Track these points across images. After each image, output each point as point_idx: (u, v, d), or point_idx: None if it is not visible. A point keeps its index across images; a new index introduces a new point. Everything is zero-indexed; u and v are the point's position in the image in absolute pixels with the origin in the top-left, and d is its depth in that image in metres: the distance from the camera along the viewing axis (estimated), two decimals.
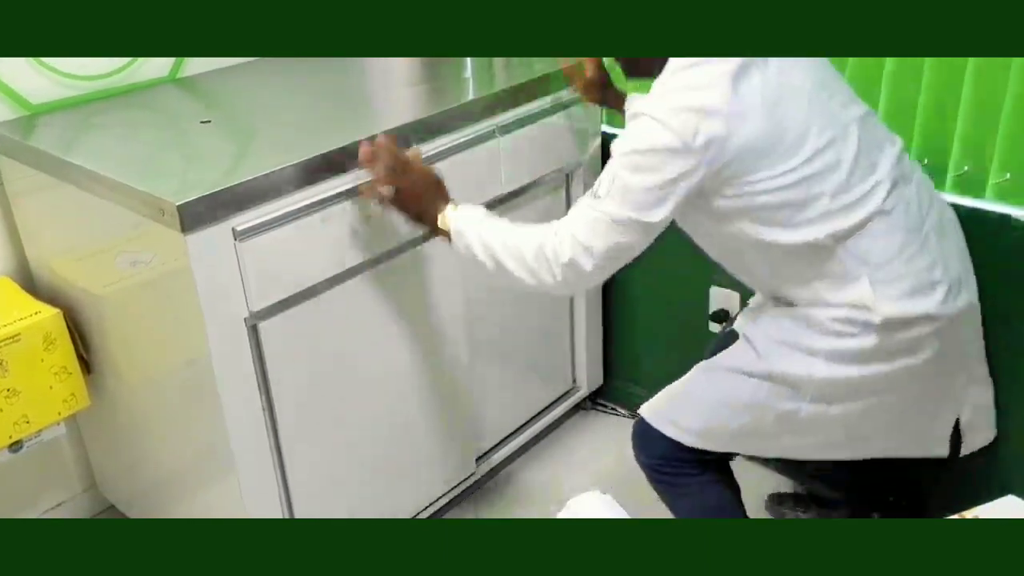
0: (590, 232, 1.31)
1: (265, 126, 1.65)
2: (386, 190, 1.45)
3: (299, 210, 1.43)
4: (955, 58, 1.52)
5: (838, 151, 1.31)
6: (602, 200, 1.30)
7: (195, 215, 1.31)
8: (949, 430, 1.50)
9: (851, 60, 1.64)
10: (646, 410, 1.56)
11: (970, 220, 1.52)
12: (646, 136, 1.28)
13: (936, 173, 1.58)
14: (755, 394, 1.45)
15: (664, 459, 1.53)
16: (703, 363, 1.55)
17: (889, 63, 1.60)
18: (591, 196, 1.33)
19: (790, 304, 1.45)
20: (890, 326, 1.34)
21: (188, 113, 1.78)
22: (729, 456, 1.57)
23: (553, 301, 2.09)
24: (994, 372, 1.54)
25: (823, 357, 1.39)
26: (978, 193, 1.56)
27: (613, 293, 2.20)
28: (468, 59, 1.94)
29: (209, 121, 1.65)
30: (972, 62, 1.50)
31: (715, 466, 1.55)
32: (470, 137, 1.68)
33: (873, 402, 1.42)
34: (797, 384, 1.42)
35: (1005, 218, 1.54)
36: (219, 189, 1.33)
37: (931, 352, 1.38)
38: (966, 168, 1.56)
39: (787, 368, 1.42)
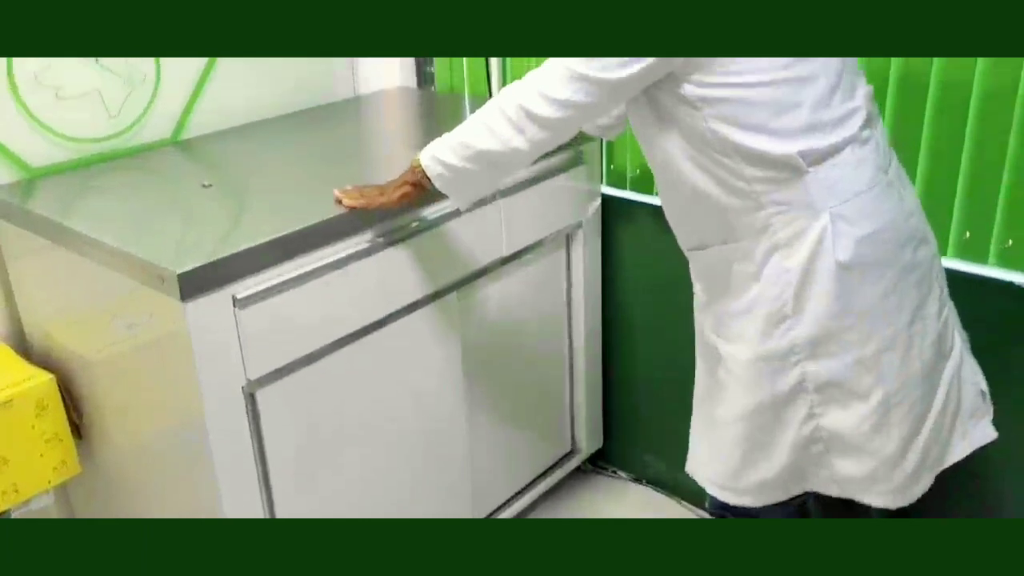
0: (548, 81, 1.30)
1: (267, 190, 1.65)
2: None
3: (300, 277, 1.42)
4: (954, 122, 1.53)
5: (823, 62, 1.26)
6: (569, 56, 1.29)
7: (195, 283, 1.29)
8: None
9: None
10: (689, 466, 1.51)
11: (972, 285, 1.52)
12: None
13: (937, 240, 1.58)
14: (768, 430, 1.38)
15: (724, 508, 1.49)
16: (702, 416, 1.51)
17: (890, 130, 1.61)
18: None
19: (728, 278, 1.38)
20: (845, 269, 1.29)
21: (189, 176, 1.78)
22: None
23: (551, 361, 2.07)
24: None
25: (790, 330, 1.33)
26: (981, 259, 1.57)
27: (612, 351, 2.18)
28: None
29: (211, 185, 1.64)
30: (970, 127, 1.51)
31: (780, 508, 1.47)
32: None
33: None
34: (795, 394, 1.36)
35: (1008, 285, 1.54)
36: (220, 257, 1.32)
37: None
38: (967, 234, 1.56)
39: (777, 388, 1.36)
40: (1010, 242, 1.54)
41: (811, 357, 1.33)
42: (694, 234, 1.45)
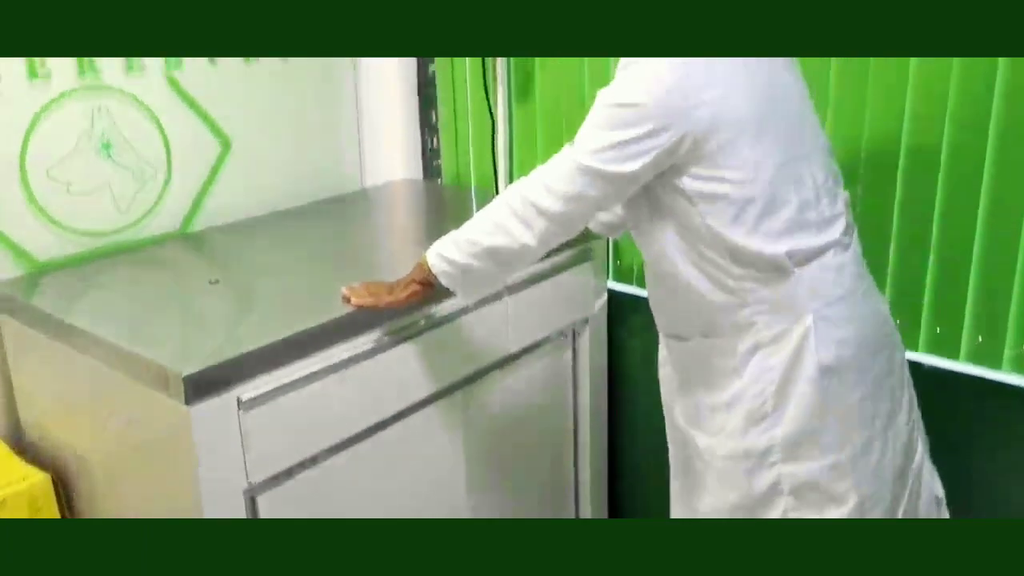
0: (556, 175, 1.31)
1: (274, 286, 1.64)
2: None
3: (306, 377, 1.40)
4: (962, 232, 1.54)
5: (810, 167, 1.31)
6: (575, 148, 1.30)
7: (201, 386, 1.27)
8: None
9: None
10: None
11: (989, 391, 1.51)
12: (632, 89, 1.26)
13: (947, 343, 1.58)
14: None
15: None
16: (682, 510, 1.53)
17: (894, 242, 1.63)
18: (568, 145, 1.31)
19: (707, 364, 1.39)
20: (826, 372, 1.30)
21: (196, 271, 1.78)
22: None
23: (557, 455, 2.03)
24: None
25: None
26: (994, 364, 1.56)
27: (618, 445, 2.14)
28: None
29: (217, 281, 1.64)
30: (980, 236, 1.52)
31: None
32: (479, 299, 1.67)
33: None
34: (770, 496, 1.36)
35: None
36: (226, 359, 1.30)
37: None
38: (980, 339, 1.56)
39: (753, 488, 1.36)
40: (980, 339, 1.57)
41: (789, 458, 1.34)
42: (676, 324, 1.46)
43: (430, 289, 1.47)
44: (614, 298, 2.03)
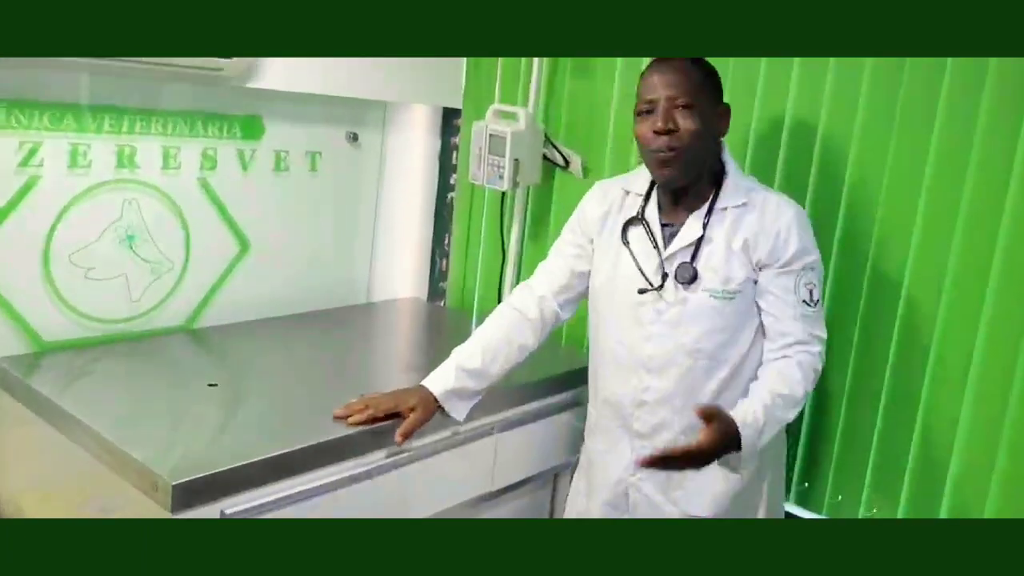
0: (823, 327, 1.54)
1: (270, 397, 1.66)
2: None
3: (290, 496, 1.41)
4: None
5: None
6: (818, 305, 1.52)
7: (187, 495, 1.28)
8: None
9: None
10: None
11: None
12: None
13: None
14: None
15: None
16: None
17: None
18: (806, 305, 1.49)
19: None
20: None
21: (197, 371, 1.80)
22: None
23: None
24: None
25: None
26: None
27: None
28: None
29: (216, 384, 1.66)
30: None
31: None
32: (469, 432, 1.70)
33: None
34: None
35: None
36: (217, 471, 1.32)
37: None
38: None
39: None
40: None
41: None
42: None
43: (427, 415, 1.54)
44: None
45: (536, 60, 2.10)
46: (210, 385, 1.66)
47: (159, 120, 1.83)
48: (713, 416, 1.34)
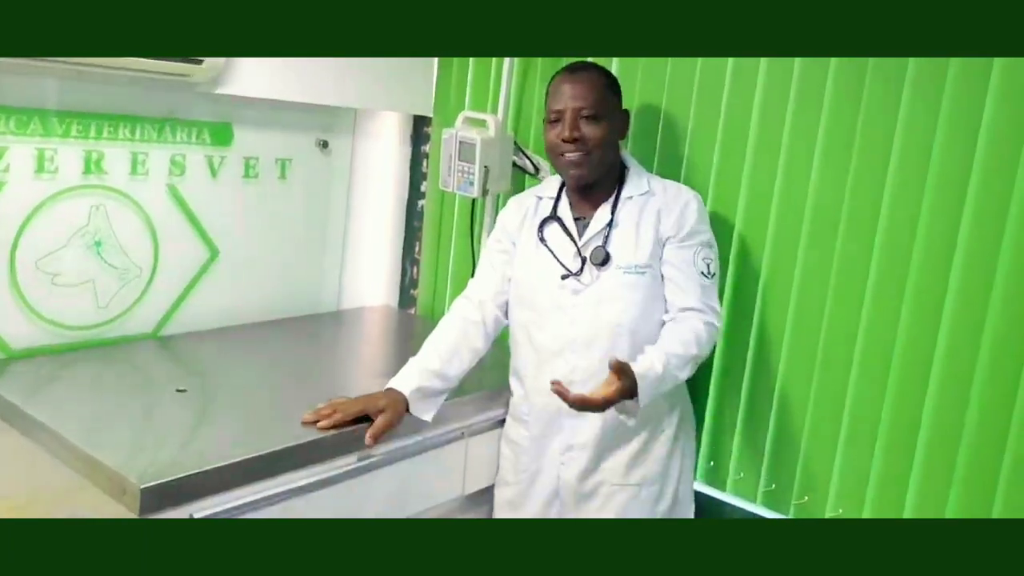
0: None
1: (239, 403, 1.66)
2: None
3: (259, 500, 1.41)
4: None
5: None
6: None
7: (156, 499, 1.28)
8: None
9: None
10: None
11: None
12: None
13: None
14: None
15: None
16: None
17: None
18: (703, 276, 1.63)
19: None
20: None
21: (165, 377, 1.79)
22: None
23: None
24: None
25: None
26: None
27: None
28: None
29: (185, 390, 1.65)
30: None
31: None
32: (438, 437, 1.70)
33: None
34: None
35: None
36: (186, 475, 1.31)
37: None
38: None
39: None
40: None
41: None
42: None
43: (397, 417, 1.56)
44: None
45: (506, 67, 2.13)
46: (179, 391, 1.65)
47: (127, 125, 1.83)
48: (622, 372, 1.46)
